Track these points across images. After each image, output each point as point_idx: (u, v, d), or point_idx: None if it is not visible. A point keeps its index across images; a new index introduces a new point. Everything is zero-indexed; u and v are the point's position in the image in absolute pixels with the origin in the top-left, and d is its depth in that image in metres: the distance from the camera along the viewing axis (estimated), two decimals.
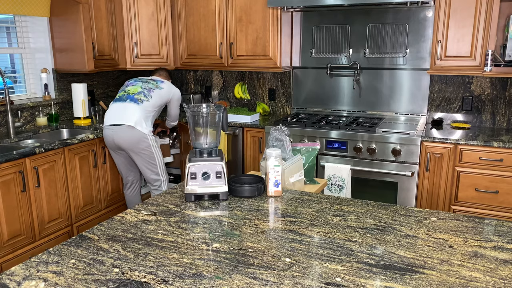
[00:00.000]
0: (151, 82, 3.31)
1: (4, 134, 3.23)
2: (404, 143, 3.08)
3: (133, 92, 3.20)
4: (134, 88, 3.24)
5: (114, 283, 1.14)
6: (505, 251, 1.32)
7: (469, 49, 3.09)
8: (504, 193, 2.91)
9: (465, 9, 3.05)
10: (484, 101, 3.41)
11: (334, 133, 3.28)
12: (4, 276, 1.17)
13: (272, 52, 3.67)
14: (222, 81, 4.35)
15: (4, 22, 3.49)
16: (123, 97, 3.20)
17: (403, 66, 3.59)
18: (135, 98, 3.16)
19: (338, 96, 3.86)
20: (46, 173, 2.92)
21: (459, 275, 1.18)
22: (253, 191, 1.80)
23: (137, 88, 3.23)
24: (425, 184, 3.10)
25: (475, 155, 2.95)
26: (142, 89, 3.22)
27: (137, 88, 3.23)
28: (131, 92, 3.21)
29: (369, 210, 1.65)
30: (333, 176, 3.24)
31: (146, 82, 3.30)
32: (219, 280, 1.15)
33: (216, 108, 1.85)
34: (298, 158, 2.08)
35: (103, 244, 1.37)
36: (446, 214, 1.60)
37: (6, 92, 3.17)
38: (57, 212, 3.04)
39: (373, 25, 3.61)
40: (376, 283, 1.14)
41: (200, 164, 1.76)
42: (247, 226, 1.51)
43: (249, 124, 3.62)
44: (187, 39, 4.01)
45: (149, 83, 3.30)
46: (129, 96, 3.18)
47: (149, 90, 3.24)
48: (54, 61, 3.69)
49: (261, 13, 3.63)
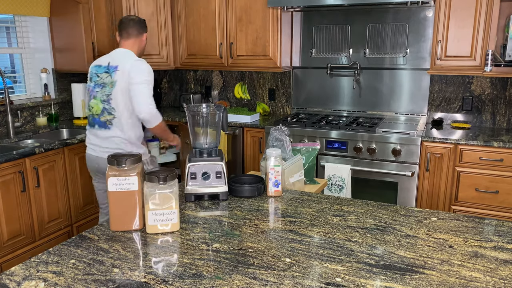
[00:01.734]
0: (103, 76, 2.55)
1: (4, 134, 3.23)
2: (404, 143, 3.08)
3: (96, 112, 2.58)
4: (96, 104, 2.58)
5: (114, 283, 1.14)
6: (505, 251, 1.32)
7: (469, 49, 3.09)
8: (504, 193, 2.91)
9: (465, 9, 3.05)
10: (484, 101, 3.41)
11: (334, 133, 3.28)
12: (4, 276, 1.17)
13: (272, 52, 3.67)
14: (222, 81, 4.35)
15: (4, 22, 3.49)
16: (90, 121, 2.64)
17: (403, 66, 3.58)
18: (102, 121, 2.56)
19: (338, 96, 3.86)
20: (46, 173, 2.92)
21: (459, 275, 1.18)
22: (253, 191, 1.80)
23: (97, 104, 2.57)
24: (425, 184, 3.10)
25: (475, 155, 2.94)
26: (103, 103, 2.55)
27: (97, 104, 2.57)
28: (94, 112, 2.59)
29: (369, 210, 1.65)
30: (333, 176, 3.24)
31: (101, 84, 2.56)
32: (219, 280, 1.14)
33: (216, 108, 1.85)
34: (298, 158, 2.08)
35: (103, 244, 1.37)
36: (446, 214, 1.60)
37: (6, 92, 3.17)
38: (57, 212, 3.04)
39: (373, 25, 3.61)
40: (376, 283, 1.14)
41: (200, 164, 1.76)
42: (247, 226, 1.51)
43: (249, 124, 3.62)
44: (187, 39, 4.01)
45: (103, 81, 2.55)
46: (95, 119, 2.60)
47: (107, 97, 2.53)
48: (54, 61, 3.69)
49: (261, 13, 3.63)
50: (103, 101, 2.55)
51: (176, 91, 4.59)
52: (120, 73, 2.48)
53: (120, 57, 2.55)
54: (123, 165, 1.42)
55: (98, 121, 2.58)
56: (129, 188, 1.42)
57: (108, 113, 2.54)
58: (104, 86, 2.54)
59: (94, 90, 2.58)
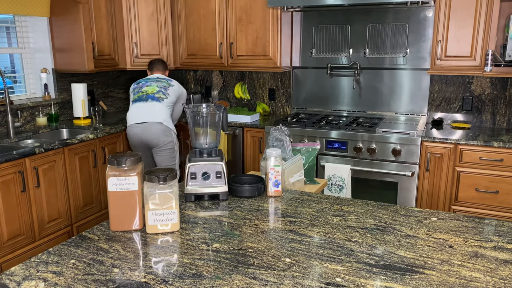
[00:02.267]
0: (163, 81, 3.37)
1: (4, 134, 3.23)
2: (404, 143, 3.08)
3: (152, 91, 3.26)
4: (151, 88, 3.29)
5: (114, 283, 1.14)
6: (505, 251, 1.32)
7: (469, 49, 3.09)
8: (504, 193, 2.90)
9: (465, 9, 3.05)
10: (484, 101, 3.41)
11: (334, 133, 3.28)
12: (4, 276, 1.17)
13: (272, 52, 3.67)
14: (222, 81, 4.35)
15: (4, 22, 3.49)
16: (143, 97, 3.25)
17: (403, 66, 3.58)
18: (156, 97, 3.24)
19: (338, 96, 3.86)
20: (46, 173, 2.92)
21: (459, 275, 1.18)
22: (253, 191, 1.80)
23: (154, 88, 3.29)
24: (425, 184, 3.10)
25: (475, 155, 2.94)
26: (160, 88, 3.29)
27: (154, 88, 3.29)
28: (149, 92, 3.26)
29: (369, 210, 1.65)
30: (333, 176, 3.24)
31: (159, 81, 3.35)
32: (219, 280, 1.14)
33: (216, 108, 1.85)
34: (298, 158, 2.08)
35: (103, 244, 1.37)
36: (446, 214, 1.60)
37: (6, 92, 3.17)
38: (57, 212, 3.04)
39: (373, 25, 3.61)
40: (376, 283, 1.14)
41: (200, 164, 1.76)
42: (247, 226, 1.51)
43: (249, 124, 3.62)
44: (187, 39, 4.01)
45: (162, 81, 3.36)
46: (149, 95, 3.25)
47: (165, 89, 3.31)
48: (54, 61, 3.69)
49: (261, 13, 3.63)
50: (160, 87, 3.29)
51: None
52: (175, 87, 3.39)
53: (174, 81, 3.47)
54: (123, 165, 1.42)
55: (153, 96, 3.24)
56: (129, 188, 1.42)
57: (163, 94, 3.27)
58: (161, 81, 3.35)
59: (148, 82, 3.34)
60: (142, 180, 1.45)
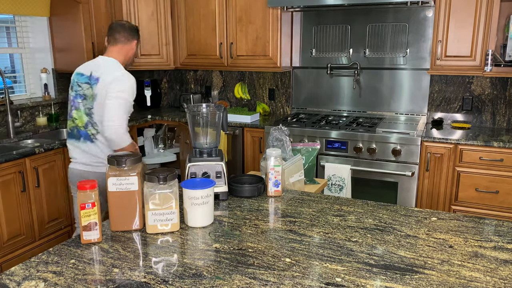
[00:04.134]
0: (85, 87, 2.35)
1: (4, 134, 3.23)
2: (404, 143, 3.08)
3: (82, 124, 2.38)
4: (80, 117, 2.38)
5: (114, 283, 1.14)
6: (505, 251, 1.32)
7: (469, 49, 3.09)
8: (504, 193, 2.90)
9: (465, 9, 3.05)
10: (484, 101, 3.41)
11: (334, 133, 3.28)
12: (4, 276, 1.17)
13: (272, 52, 3.67)
14: (222, 81, 4.35)
15: (4, 22, 3.49)
16: (74, 132, 2.41)
17: (403, 66, 3.58)
18: (88, 134, 2.37)
19: (338, 96, 3.86)
20: (46, 173, 2.92)
21: (459, 275, 1.18)
22: (253, 191, 1.80)
23: (82, 117, 2.37)
24: (425, 184, 3.10)
25: (475, 155, 2.94)
26: (87, 116, 2.35)
27: (82, 117, 2.37)
28: (79, 124, 2.38)
29: (369, 210, 1.65)
30: (333, 176, 3.24)
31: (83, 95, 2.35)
32: (219, 280, 1.14)
33: (216, 108, 1.85)
34: (298, 158, 2.08)
35: (103, 244, 1.37)
36: (446, 214, 1.60)
37: (6, 92, 3.17)
38: (57, 212, 3.04)
39: (373, 25, 3.61)
40: (376, 283, 1.14)
41: (200, 164, 1.76)
42: (247, 226, 1.51)
43: (249, 124, 3.62)
44: (187, 39, 4.01)
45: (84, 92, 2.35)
46: (80, 131, 2.39)
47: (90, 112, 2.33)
48: (54, 61, 3.69)
49: (261, 13, 3.63)
50: (86, 114, 2.35)
51: (176, 91, 4.59)
52: (101, 86, 2.28)
53: (103, 67, 2.33)
54: (123, 165, 1.42)
55: (85, 133, 2.37)
56: (129, 188, 1.42)
57: (92, 127, 2.35)
58: (85, 98, 2.34)
59: (76, 101, 2.38)
60: (142, 180, 1.45)
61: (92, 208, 1.34)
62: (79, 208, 1.33)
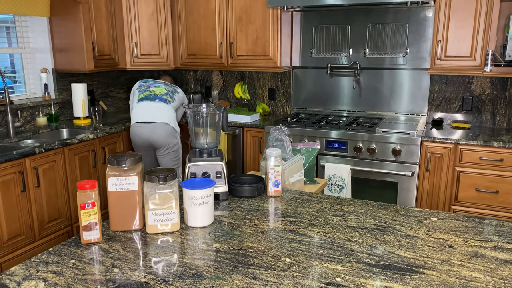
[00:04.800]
0: (170, 85, 3.42)
1: (4, 134, 3.23)
2: (404, 143, 3.08)
3: (160, 92, 3.28)
4: (159, 89, 3.31)
5: (114, 283, 1.14)
6: (505, 251, 1.32)
7: (469, 49, 3.09)
8: (504, 193, 2.91)
9: (465, 9, 3.05)
10: (484, 101, 3.41)
11: (334, 133, 3.28)
12: (4, 276, 1.17)
13: (272, 52, 3.67)
14: (222, 81, 4.35)
15: (4, 22, 3.49)
16: (150, 97, 3.25)
17: (403, 66, 3.58)
18: (164, 98, 3.26)
19: (338, 96, 3.86)
20: (46, 173, 2.92)
21: (459, 275, 1.18)
22: (253, 191, 1.80)
23: (162, 89, 3.31)
24: (425, 184, 3.10)
25: (475, 155, 2.94)
26: (167, 91, 3.32)
27: (162, 89, 3.31)
28: (157, 92, 3.28)
29: (369, 210, 1.65)
30: (333, 176, 3.24)
31: (167, 85, 3.40)
32: (219, 280, 1.14)
33: (216, 108, 1.85)
34: (298, 158, 2.08)
35: (103, 244, 1.37)
36: (446, 214, 1.60)
37: (6, 92, 3.17)
38: (57, 212, 3.04)
39: (373, 25, 3.61)
40: (376, 283, 1.14)
41: (200, 164, 1.76)
42: (247, 226, 1.51)
43: (249, 124, 3.62)
44: (187, 39, 4.01)
45: (169, 86, 3.40)
46: (156, 96, 3.25)
47: (172, 93, 3.35)
48: (54, 61, 3.69)
49: (261, 13, 3.63)
50: (168, 90, 3.33)
51: None
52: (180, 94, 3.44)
53: None
54: (123, 165, 1.42)
55: (161, 97, 3.25)
56: (129, 188, 1.42)
57: (170, 97, 3.31)
58: (168, 85, 3.39)
59: (155, 84, 3.36)
60: (142, 180, 1.45)
61: (92, 208, 1.34)
62: (79, 208, 1.33)
